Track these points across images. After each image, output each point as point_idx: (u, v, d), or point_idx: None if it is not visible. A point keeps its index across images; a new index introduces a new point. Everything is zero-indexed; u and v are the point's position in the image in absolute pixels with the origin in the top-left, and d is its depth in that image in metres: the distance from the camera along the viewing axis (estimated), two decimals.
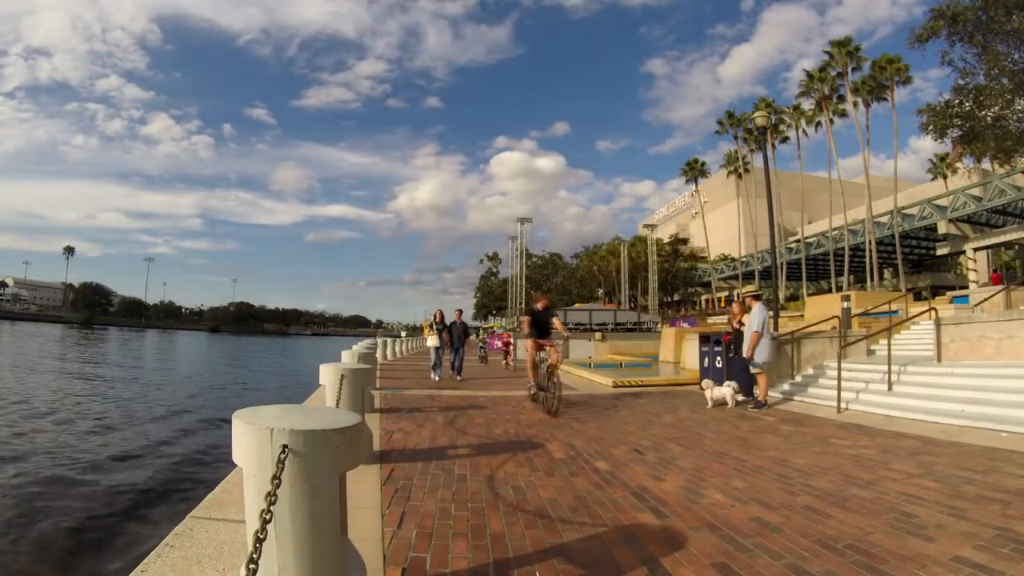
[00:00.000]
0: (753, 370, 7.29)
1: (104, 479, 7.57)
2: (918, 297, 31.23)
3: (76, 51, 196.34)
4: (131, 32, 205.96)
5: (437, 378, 10.82)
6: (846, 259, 36.07)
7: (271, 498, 1.37)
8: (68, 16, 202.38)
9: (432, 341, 11.16)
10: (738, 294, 51.30)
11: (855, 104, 34.62)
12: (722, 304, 52.88)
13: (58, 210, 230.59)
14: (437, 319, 11.51)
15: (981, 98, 15.46)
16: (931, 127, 16.57)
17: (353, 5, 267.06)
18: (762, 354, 7.16)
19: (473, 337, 20.05)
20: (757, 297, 7.98)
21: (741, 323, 7.73)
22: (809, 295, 37.11)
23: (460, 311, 11.95)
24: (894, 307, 12.85)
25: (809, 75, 36.33)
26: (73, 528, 5.79)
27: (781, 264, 40.02)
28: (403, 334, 39.94)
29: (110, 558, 5.14)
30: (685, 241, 59.60)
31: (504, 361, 16.25)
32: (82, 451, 9.00)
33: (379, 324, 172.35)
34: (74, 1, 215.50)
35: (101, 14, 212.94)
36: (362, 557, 1.90)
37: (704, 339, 9.53)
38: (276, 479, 1.40)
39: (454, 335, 11.45)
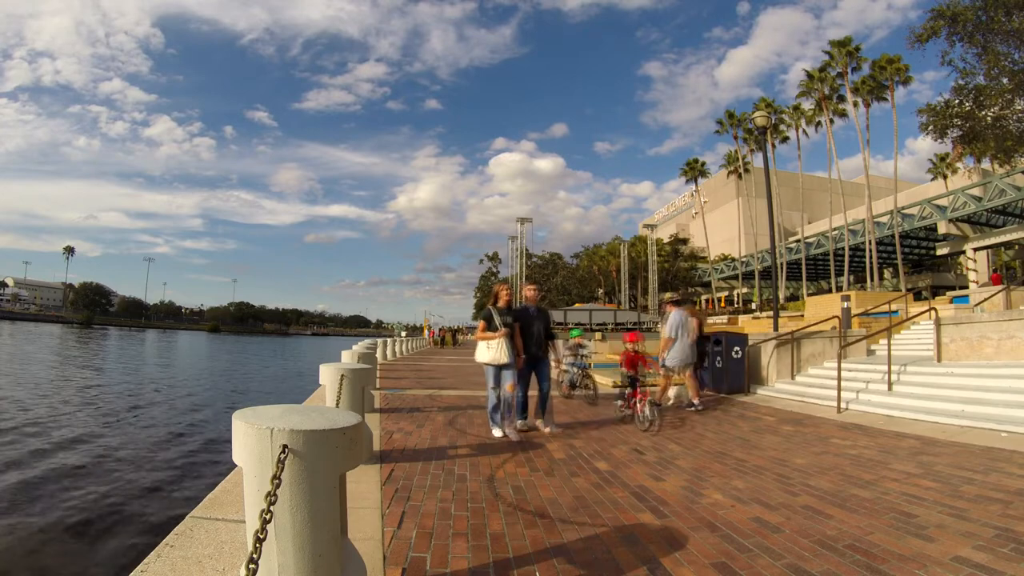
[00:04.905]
0: (661, 371, 7.18)
1: (103, 478, 7.56)
2: (918, 297, 31.26)
3: (80, 54, 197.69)
4: (134, 36, 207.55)
5: (502, 433, 5.20)
6: (846, 259, 36.06)
7: (271, 498, 1.37)
8: (72, 20, 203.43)
9: (489, 353, 5.18)
10: (738, 294, 51.37)
11: (855, 104, 34.58)
12: (722, 304, 52.90)
13: (59, 210, 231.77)
14: (501, 300, 5.39)
15: (981, 98, 15.45)
16: (931, 127, 16.57)
17: (355, 8, 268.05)
18: (672, 358, 7.03)
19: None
20: (676, 303, 7.83)
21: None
22: (809, 295, 37.11)
23: (535, 286, 5.98)
24: (894, 307, 12.87)
25: (809, 75, 36.31)
26: (73, 528, 5.78)
27: (781, 264, 40.01)
28: (403, 334, 40.00)
29: (110, 558, 5.14)
30: (685, 241, 59.57)
31: (624, 402, 6.19)
32: (81, 451, 9.00)
33: (379, 324, 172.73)
34: (78, 5, 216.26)
35: (105, 18, 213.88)
36: (362, 557, 1.90)
37: (704, 339, 9.52)
38: (276, 479, 1.40)
39: (532, 335, 5.56)
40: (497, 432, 5.25)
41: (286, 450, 1.47)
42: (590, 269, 60.87)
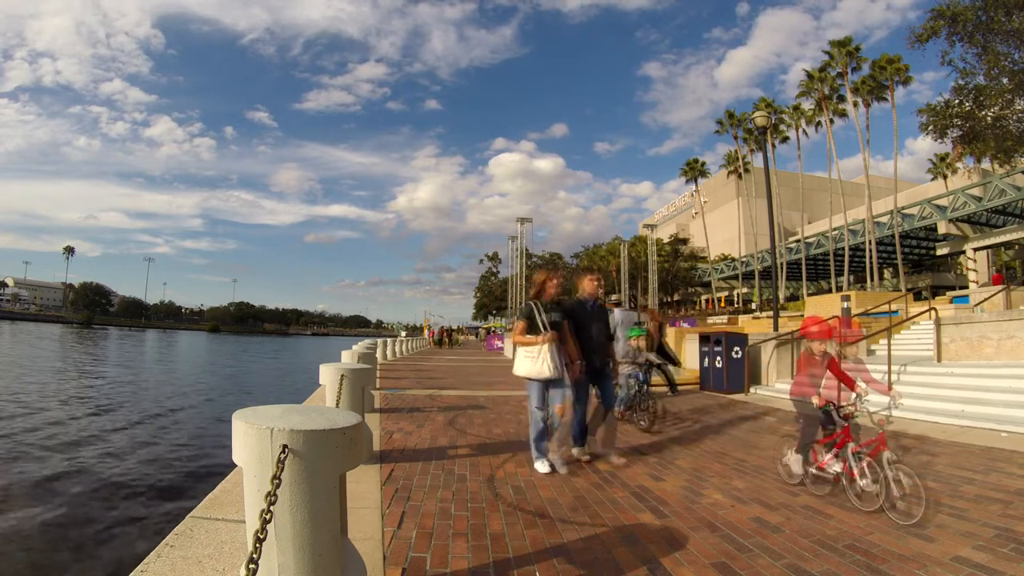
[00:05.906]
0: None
1: (104, 478, 7.57)
2: (918, 297, 31.24)
3: (80, 55, 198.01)
4: (135, 36, 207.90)
5: (550, 468, 3.90)
6: (846, 259, 36.06)
7: (271, 498, 1.37)
8: (72, 20, 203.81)
9: (532, 364, 3.89)
10: (738, 294, 51.37)
11: (855, 104, 34.60)
12: (722, 304, 52.91)
13: (59, 210, 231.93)
14: (547, 293, 4.16)
15: (981, 98, 15.45)
16: (931, 127, 16.57)
17: (355, 8, 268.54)
18: (617, 351, 7.18)
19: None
20: (617, 304, 7.97)
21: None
22: (809, 295, 37.12)
23: (599, 278, 4.61)
24: (894, 307, 12.86)
25: (809, 75, 36.33)
26: (73, 528, 5.78)
27: (781, 264, 40.00)
28: (403, 334, 40.00)
29: (110, 558, 5.14)
30: (685, 241, 59.60)
31: (808, 462, 3.52)
32: (81, 451, 9.00)
33: (379, 324, 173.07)
34: (79, 5, 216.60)
35: (105, 19, 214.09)
36: (362, 557, 1.90)
37: (704, 339, 9.53)
38: (276, 479, 1.40)
39: (591, 339, 4.30)
40: (543, 468, 3.88)
41: (286, 450, 1.47)
42: (590, 269, 60.87)
